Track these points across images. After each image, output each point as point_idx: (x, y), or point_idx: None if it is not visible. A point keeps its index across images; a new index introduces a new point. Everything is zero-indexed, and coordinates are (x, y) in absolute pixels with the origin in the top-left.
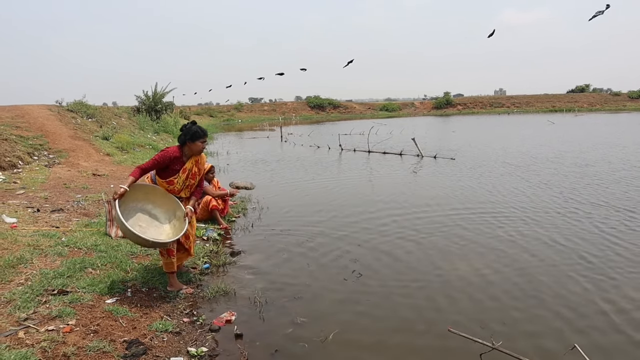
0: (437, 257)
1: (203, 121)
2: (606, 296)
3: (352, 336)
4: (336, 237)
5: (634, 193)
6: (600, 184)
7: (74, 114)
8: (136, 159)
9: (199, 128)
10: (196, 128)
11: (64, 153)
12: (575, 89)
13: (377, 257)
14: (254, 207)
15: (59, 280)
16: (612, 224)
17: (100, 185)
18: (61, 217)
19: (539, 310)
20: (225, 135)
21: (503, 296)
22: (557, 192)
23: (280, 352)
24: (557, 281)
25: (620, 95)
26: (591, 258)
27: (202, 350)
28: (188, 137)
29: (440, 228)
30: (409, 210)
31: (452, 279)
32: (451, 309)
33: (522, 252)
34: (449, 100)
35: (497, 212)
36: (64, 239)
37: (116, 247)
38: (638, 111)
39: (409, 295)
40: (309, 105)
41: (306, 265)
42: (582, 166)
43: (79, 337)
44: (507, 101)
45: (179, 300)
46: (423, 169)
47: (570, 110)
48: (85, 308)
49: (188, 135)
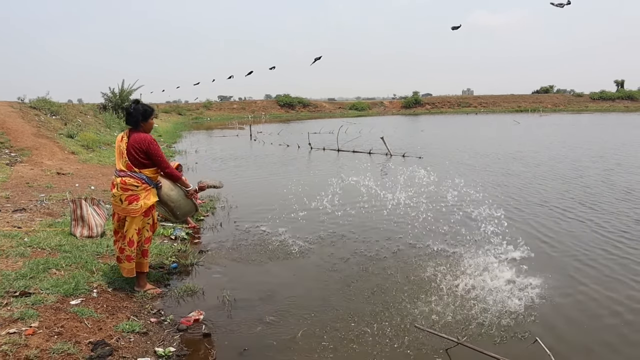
0: (404, 256)
1: (171, 119)
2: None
3: (320, 334)
4: (305, 235)
5: (549, 193)
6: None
7: (37, 111)
8: (102, 157)
9: (147, 105)
10: (145, 106)
11: (26, 151)
12: (540, 89)
13: (345, 255)
14: (222, 205)
15: (21, 282)
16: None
17: (64, 184)
18: (23, 217)
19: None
20: (194, 133)
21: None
22: (506, 190)
23: (249, 351)
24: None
25: (583, 96)
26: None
27: (170, 350)
28: (142, 117)
29: (409, 226)
30: (378, 208)
31: (418, 279)
32: (416, 305)
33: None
34: (417, 100)
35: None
36: (26, 240)
37: (81, 247)
38: (599, 112)
39: (377, 293)
40: (278, 103)
41: (275, 263)
42: (532, 166)
43: (42, 339)
44: (474, 101)
45: (146, 300)
46: (391, 166)
47: (535, 110)
48: (49, 310)
49: (141, 116)
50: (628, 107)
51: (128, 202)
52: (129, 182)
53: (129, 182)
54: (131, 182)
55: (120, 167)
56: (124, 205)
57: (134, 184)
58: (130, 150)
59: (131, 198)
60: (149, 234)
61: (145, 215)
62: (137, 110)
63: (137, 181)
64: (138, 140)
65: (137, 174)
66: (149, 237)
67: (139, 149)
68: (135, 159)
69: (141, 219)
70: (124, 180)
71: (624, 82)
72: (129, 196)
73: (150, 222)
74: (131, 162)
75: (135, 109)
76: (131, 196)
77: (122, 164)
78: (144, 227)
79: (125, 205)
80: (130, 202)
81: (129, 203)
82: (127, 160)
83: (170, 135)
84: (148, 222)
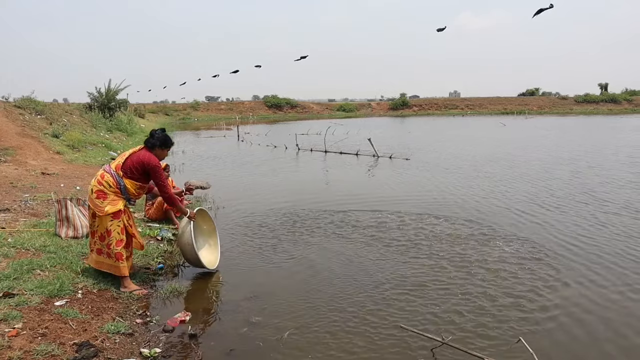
0: (392, 255)
1: (158, 119)
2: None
3: (307, 335)
4: (291, 236)
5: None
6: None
7: (22, 110)
8: (88, 157)
9: (169, 137)
10: (167, 137)
11: (10, 150)
12: (526, 92)
13: (331, 257)
14: (209, 206)
15: (5, 283)
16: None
17: (49, 185)
18: (7, 217)
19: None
20: (182, 134)
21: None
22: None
23: (235, 352)
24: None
25: (568, 99)
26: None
27: (156, 351)
28: (160, 144)
29: (400, 228)
30: (368, 208)
31: (406, 280)
32: (403, 306)
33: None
34: (405, 102)
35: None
36: (10, 240)
37: (66, 248)
38: (584, 114)
39: (363, 294)
40: (266, 104)
41: (261, 264)
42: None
43: (26, 340)
44: (461, 103)
45: (132, 301)
46: (378, 168)
47: (521, 112)
48: (32, 311)
49: (161, 142)
50: (611, 110)
51: (96, 196)
52: (107, 178)
53: (107, 179)
54: (109, 179)
55: (112, 164)
56: (92, 196)
57: (109, 183)
58: (130, 160)
59: (99, 193)
60: (120, 236)
61: (115, 217)
62: (159, 136)
63: (113, 182)
64: (144, 159)
65: (119, 177)
66: (120, 240)
67: (139, 166)
68: (129, 169)
69: (109, 220)
70: (104, 175)
71: (607, 85)
72: (98, 190)
73: (121, 226)
74: (123, 168)
75: (159, 134)
76: (100, 192)
77: (115, 163)
78: (113, 229)
79: (93, 197)
80: (98, 196)
81: (97, 197)
82: (121, 164)
83: None
84: (118, 224)
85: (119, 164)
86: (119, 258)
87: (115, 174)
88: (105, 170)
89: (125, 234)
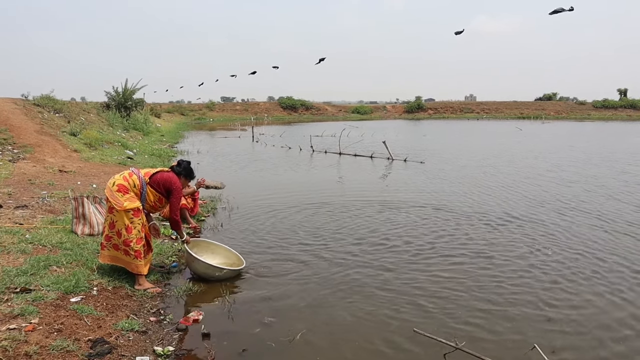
0: (409, 258)
1: (174, 119)
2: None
3: (319, 336)
4: (306, 238)
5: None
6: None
7: (41, 108)
8: (104, 155)
9: (192, 171)
10: (191, 169)
11: (29, 148)
12: (543, 97)
13: (344, 257)
14: (223, 206)
15: (22, 278)
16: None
17: (67, 182)
18: (25, 214)
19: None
20: (197, 134)
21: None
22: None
23: (248, 352)
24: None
25: (585, 104)
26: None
27: (169, 350)
28: (185, 173)
29: (412, 229)
30: (382, 211)
31: (419, 283)
32: (416, 311)
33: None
34: (420, 105)
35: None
36: (27, 236)
37: (82, 245)
38: (601, 120)
39: (377, 296)
40: (281, 106)
41: (275, 266)
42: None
43: (42, 335)
44: (477, 107)
45: (146, 299)
46: (393, 170)
47: (537, 117)
48: (49, 306)
49: (186, 172)
50: (631, 116)
51: (117, 189)
52: (134, 178)
53: (134, 178)
54: (135, 180)
55: (141, 170)
56: (114, 188)
57: (134, 183)
58: (159, 175)
59: (121, 187)
60: (141, 234)
61: (135, 215)
62: (185, 166)
63: (139, 184)
64: (171, 179)
65: (144, 182)
66: (140, 238)
67: (165, 182)
68: (155, 181)
69: (130, 217)
70: (131, 174)
71: (627, 91)
72: (121, 184)
73: (141, 224)
74: (150, 177)
75: (185, 165)
76: (122, 186)
77: (144, 170)
78: (134, 227)
79: (114, 189)
80: (119, 189)
81: (118, 190)
82: (150, 174)
83: (172, 135)
84: (139, 222)
85: (148, 172)
86: (138, 256)
87: (143, 178)
88: (134, 171)
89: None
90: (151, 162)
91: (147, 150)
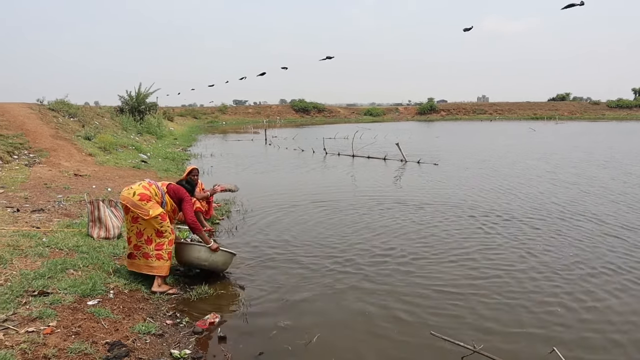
0: (426, 260)
1: (187, 122)
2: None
3: (335, 340)
4: (322, 242)
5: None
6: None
7: (56, 112)
8: (119, 159)
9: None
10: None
11: (44, 152)
12: (556, 97)
13: (361, 263)
14: (237, 209)
15: (40, 281)
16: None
17: (82, 186)
18: (42, 218)
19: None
20: (210, 137)
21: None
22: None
23: (264, 355)
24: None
25: (599, 104)
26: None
27: (185, 353)
28: (190, 188)
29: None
30: (399, 217)
31: (439, 285)
32: (432, 312)
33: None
34: (432, 106)
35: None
36: (44, 240)
37: (98, 249)
38: (616, 120)
39: (393, 299)
40: (293, 108)
41: (290, 268)
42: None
43: (60, 338)
44: (489, 108)
45: (162, 302)
46: (406, 172)
47: (551, 117)
48: (66, 309)
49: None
50: None
51: (140, 198)
52: (154, 187)
53: (154, 187)
54: (155, 189)
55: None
56: (135, 198)
57: (155, 192)
58: (173, 185)
59: (143, 195)
60: (172, 236)
61: (163, 219)
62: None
63: (159, 193)
64: (181, 190)
65: (163, 192)
66: (171, 240)
67: (177, 192)
68: (171, 190)
69: (159, 222)
70: (151, 184)
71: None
72: (142, 193)
73: (169, 227)
74: (168, 187)
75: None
76: (144, 195)
77: (161, 182)
78: (165, 230)
79: (136, 199)
80: (141, 198)
81: (140, 199)
82: (166, 185)
83: (185, 138)
84: (169, 225)
85: (164, 183)
86: (170, 257)
87: (161, 188)
88: (151, 182)
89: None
90: (165, 166)
91: (161, 154)
